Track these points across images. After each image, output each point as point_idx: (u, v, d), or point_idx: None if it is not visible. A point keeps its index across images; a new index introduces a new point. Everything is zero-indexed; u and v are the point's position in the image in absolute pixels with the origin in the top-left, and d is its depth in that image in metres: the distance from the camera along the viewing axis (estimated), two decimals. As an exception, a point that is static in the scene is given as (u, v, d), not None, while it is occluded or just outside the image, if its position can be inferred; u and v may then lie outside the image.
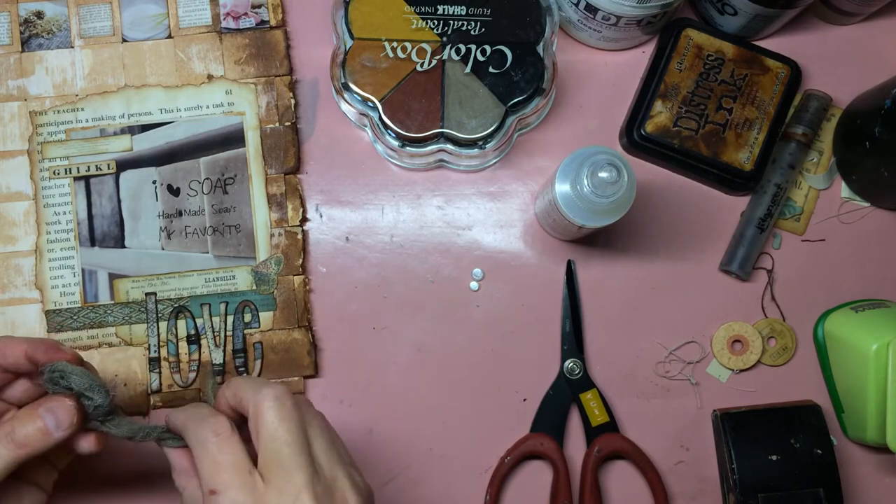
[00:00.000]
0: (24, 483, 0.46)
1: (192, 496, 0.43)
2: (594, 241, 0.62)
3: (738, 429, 0.58)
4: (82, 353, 0.59)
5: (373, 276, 0.61)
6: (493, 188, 0.63)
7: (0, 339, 0.45)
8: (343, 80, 0.57)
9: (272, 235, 0.61)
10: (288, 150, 0.61)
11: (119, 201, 0.61)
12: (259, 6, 0.62)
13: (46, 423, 0.42)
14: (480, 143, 0.58)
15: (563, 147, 0.63)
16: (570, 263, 0.62)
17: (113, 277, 0.60)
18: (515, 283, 0.62)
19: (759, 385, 0.61)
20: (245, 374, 0.59)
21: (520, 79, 0.57)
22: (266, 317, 0.60)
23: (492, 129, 0.57)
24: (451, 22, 0.57)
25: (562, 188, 0.52)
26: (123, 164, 0.61)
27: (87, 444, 0.45)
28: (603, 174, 0.50)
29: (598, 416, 0.60)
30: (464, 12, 0.57)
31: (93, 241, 0.60)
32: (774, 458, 0.57)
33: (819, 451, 0.57)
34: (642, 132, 0.60)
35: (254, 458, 0.41)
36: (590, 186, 0.50)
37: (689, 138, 0.60)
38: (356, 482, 0.42)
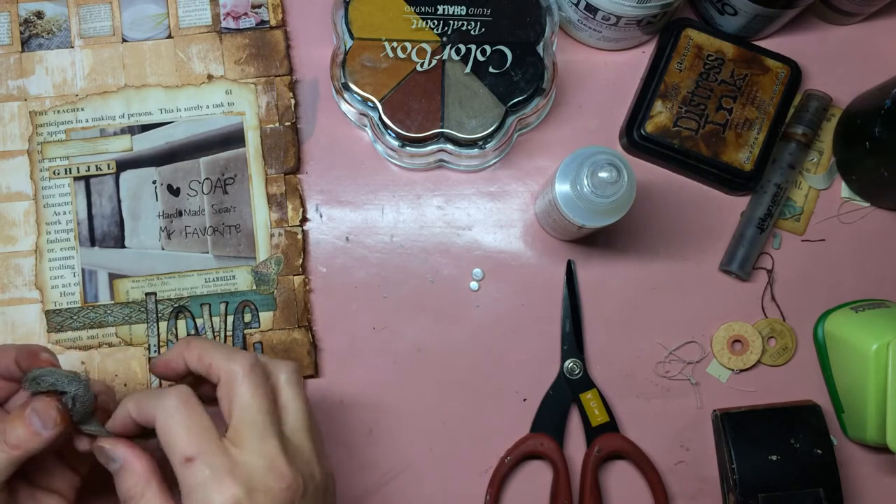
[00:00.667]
0: (42, 490, 0.46)
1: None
2: (594, 241, 0.62)
3: (738, 429, 0.58)
4: (82, 353, 0.59)
5: (373, 276, 0.61)
6: (493, 188, 0.63)
7: None
8: (343, 80, 0.57)
9: (272, 235, 0.61)
10: (288, 150, 0.61)
11: (119, 201, 0.61)
12: (259, 6, 0.62)
13: (33, 423, 0.42)
14: (480, 143, 0.58)
15: (563, 147, 0.63)
16: (570, 263, 0.62)
17: (113, 277, 0.60)
18: (515, 283, 0.62)
19: (759, 385, 0.61)
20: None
21: (520, 79, 0.57)
22: (266, 317, 0.60)
23: (492, 129, 0.57)
24: (451, 22, 0.57)
25: (562, 188, 0.52)
26: (123, 164, 0.61)
27: (82, 444, 0.45)
28: (603, 174, 0.50)
29: (598, 416, 0.60)
30: (464, 12, 0.57)
31: (93, 241, 0.60)
32: (774, 458, 0.57)
33: (819, 451, 0.57)
34: (642, 132, 0.60)
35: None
36: (590, 186, 0.50)
37: (689, 138, 0.60)
38: (321, 454, 0.45)
